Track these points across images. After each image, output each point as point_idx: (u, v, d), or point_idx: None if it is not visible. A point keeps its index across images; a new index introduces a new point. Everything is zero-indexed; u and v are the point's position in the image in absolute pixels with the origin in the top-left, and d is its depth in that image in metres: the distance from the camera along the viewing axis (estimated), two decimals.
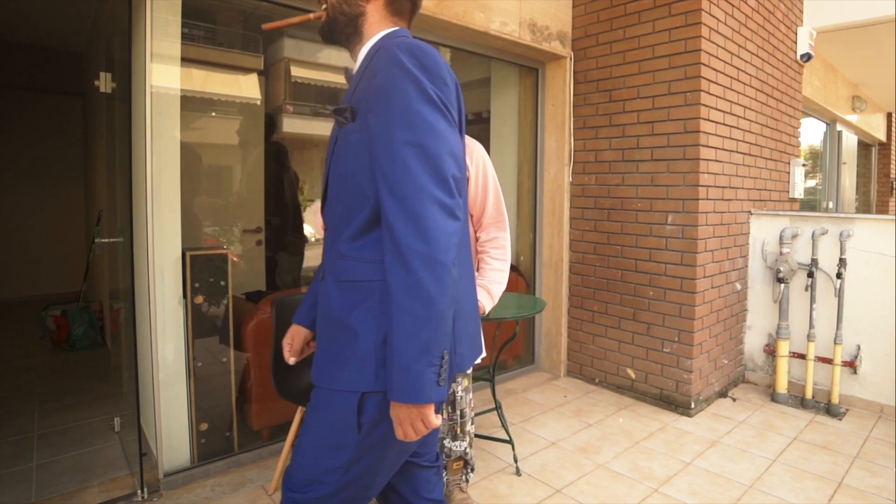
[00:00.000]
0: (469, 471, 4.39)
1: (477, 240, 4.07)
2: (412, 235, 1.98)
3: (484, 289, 3.86)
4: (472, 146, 4.09)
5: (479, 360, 2.64)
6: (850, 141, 14.42)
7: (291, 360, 2.76)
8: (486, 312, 3.85)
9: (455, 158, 2.10)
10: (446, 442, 4.26)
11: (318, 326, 2.40)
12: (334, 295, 2.27)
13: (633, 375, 6.74)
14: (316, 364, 2.33)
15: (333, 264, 2.30)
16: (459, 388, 4.23)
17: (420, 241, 1.97)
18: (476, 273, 3.87)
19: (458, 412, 4.26)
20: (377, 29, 2.40)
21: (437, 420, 2.06)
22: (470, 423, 4.33)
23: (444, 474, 4.29)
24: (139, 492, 4.50)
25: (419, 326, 1.97)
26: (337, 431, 2.22)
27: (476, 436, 5.42)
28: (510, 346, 6.47)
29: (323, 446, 2.27)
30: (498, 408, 5.21)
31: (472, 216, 4.02)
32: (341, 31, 2.45)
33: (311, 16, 2.50)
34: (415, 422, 2.04)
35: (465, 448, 4.29)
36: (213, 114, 6.79)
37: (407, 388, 1.98)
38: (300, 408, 4.50)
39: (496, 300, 3.88)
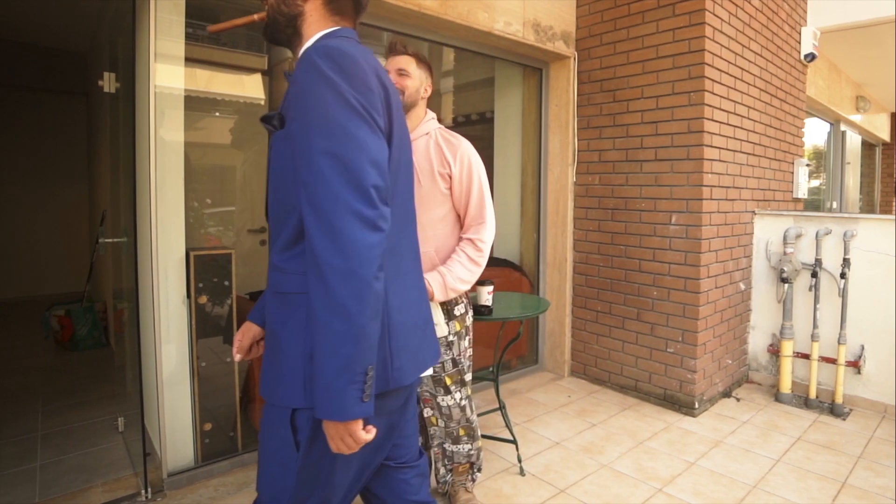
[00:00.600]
0: (476, 471, 4.40)
1: (460, 239, 4.00)
2: (329, 249, 1.94)
3: (439, 275, 3.73)
4: (458, 144, 3.92)
5: (429, 371, 2.61)
6: (853, 141, 14.41)
7: (237, 357, 2.73)
8: (433, 299, 3.70)
9: (377, 167, 2.05)
10: (446, 446, 4.27)
11: (265, 338, 2.40)
12: (271, 307, 2.28)
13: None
14: (261, 376, 2.33)
15: (270, 275, 2.29)
16: (448, 398, 4.13)
17: (337, 255, 1.94)
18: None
19: (455, 421, 4.20)
20: (316, 29, 2.36)
21: (366, 435, 2.03)
22: (477, 423, 4.34)
23: (448, 475, 4.32)
24: (143, 492, 4.50)
25: (339, 343, 1.94)
26: (281, 448, 2.22)
27: (481, 435, 5.44)
28: (514, 346, 6.46)
29: (274, 463, 2.27)
30: (502, 408, 5.20)
31: (459, 215, 3.98)
32: (282, 31, 2.42)
33: (256, 17, 2.46)
34: (344, 437, 2.02)
35: (469, 451, 4.29)
36: (217, 114, 6.80)
37: (329, 406, 1.97)
38: None
39: (449, 293, 3.72)
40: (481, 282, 4.74)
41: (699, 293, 6.16)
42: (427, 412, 4.28)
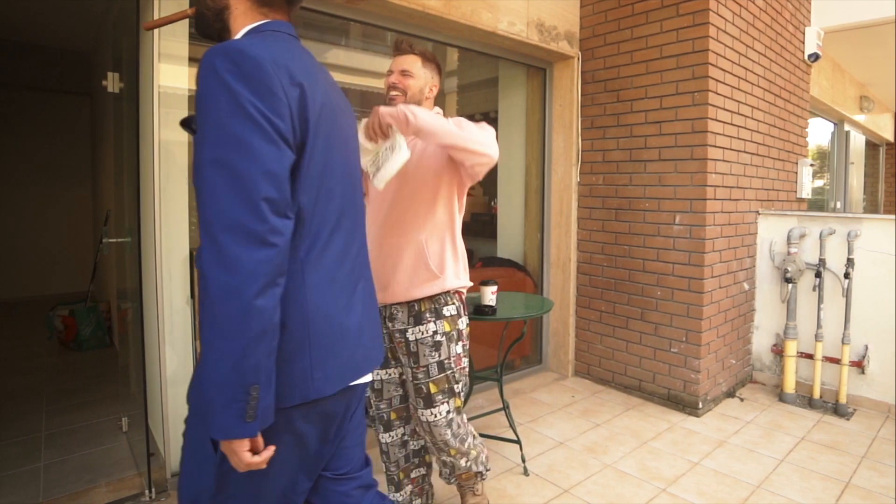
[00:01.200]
0: (481, 478, 4.17)
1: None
2: (212, 264, 1.85)
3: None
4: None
5: (366, 379, 2.42)
6: (857, 141, 14.41)
7: None
8: (410, 121, 3.17)
9: (272, 178, 1.91)
10: (445, 457, 3.92)
11: None
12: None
13: None
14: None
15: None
16: (428, 412, 3.67)
17: (220, 270, 1.85)
18: None
19: (440, 440, 3.75)
20: (243, 23, 2.25)
21: (251, 457, 1.96)
22: (470, 437, 3.94)
23: (452, 479, 4.13)
24: (147, 492, 4.50)
25: (219, 361, 1.87)
26: (199, 449, 2.17)
27: (484, 436, 5.42)
28: (518, 346, 6.46)
29: (192, 462, 2.24)
30: (505, 408, 5.21)
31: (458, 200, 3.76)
32: (211, 26, 2.34)
33: (189, 11, 2.41)
34: (231, 455, 1.96)
35: (467, 463, 3.96)
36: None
37: (212, 423, 1.92)
38: None
39: (410, 117, 3.15)
40: (485, 282, 4.74)
41: (703, 293, 6.16)
42: (418, 443, 4.07)
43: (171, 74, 4.52)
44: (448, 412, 3.68)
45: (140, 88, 4.56)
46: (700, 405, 6.25)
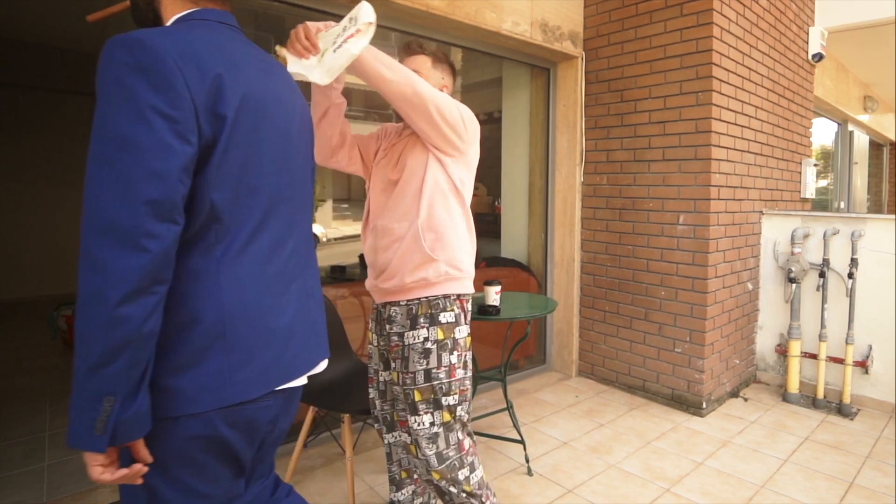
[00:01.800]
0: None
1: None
2: (83, 266, 1.76)
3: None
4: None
5: (299, 381, 2.30)
6: (861, 141, 14.40)
7: None
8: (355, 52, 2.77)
9: (158, 179, 1.77)
10: (432, 481, 3.46)
11: None
12: None
13: None
14: None
15: None
16: (414, 419, 3.43)
17: (88, 273, 1.75)
18: None
19: (422, 455, 3.42)
20: (172, 12, 2.18)
21: (99, 474, 1.84)
22: (467, 470, 3.45)
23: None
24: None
25: (78, 366, 1.79)
26: (126, 454, 2.03)
27: (488, 436, 5.42)
28: (522, 345, 6.46)
29: (127, 492, 2.15)
30: (509, 408, 5.20)
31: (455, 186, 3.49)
32: (145, 16, 2.28)
33: (126, 3, 2.36)
34: (86, 465, 1.86)
35: (461, 496, 3.44)
36: None
37: (69, 428, 1.82)
38: (312, 408, 4.50)
39: (379, 57, 2.94)
40: (489, 282, 4.74)
41: (707, 293, 6.16)
42: (405, 437, 3.67)
43: None
44: (431, 424, 3.40)
45: None
46: (704, 405, 6.25)
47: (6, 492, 4.66)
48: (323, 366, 2.46)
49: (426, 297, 3.40)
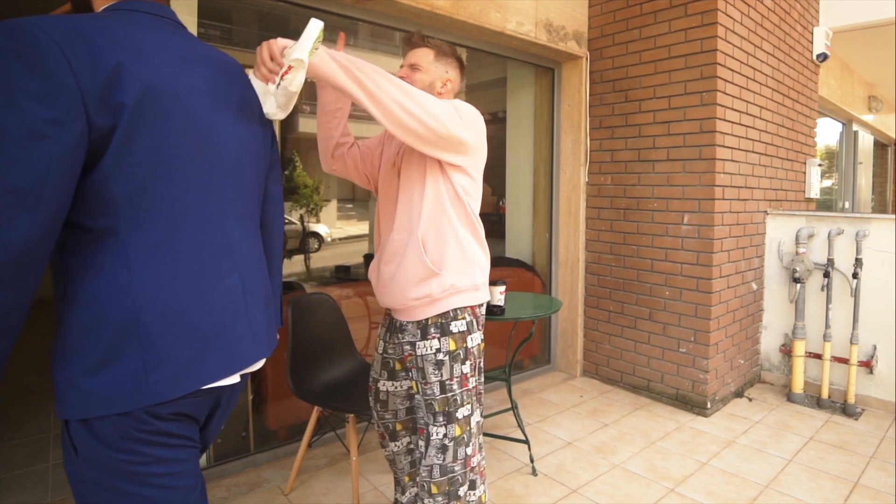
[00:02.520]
0: None
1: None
2: None
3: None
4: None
5: (229, 380, 2.18)
6: (866, 141, 14.38)
7: None
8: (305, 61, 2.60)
9: (26, 166, 1.71)
10: (424, 497, 3.33)
11: None
12: None
13: None
14: None
15: None
16: (436, 429, 3.29)
17: None
18: None
19: (426, 465, 3.30)
20: (100, 3, 2.13)
21: None
22: (467, 486, 3.33)
23: None
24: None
25: None
26: (67, 451, 2.07)
27: (492, 436, 5.43)
28: (526, 346, 6.48)
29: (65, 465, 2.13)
30: (514, 408, 5.20)
31: (456, 193, 3.31)
32: (81, 10, 2.20)
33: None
34: None
35: None
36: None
37: None
38: (316, 408, 4.51)
39: (334, 65, 2.74)
40: (493, 282, 4.74)
41: (711, 293, 6.16)
42: (406, 444, 3.79)
43: None
44: (444, 436, 3.29)
45: None
46: (708, 405, 6.25)
47: (11, 492, 4.67)
48: (259, 364, 2.35)
49: (435, 314, 3.28)
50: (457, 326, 3.30)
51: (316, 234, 11.23)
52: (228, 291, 2.20)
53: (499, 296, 4.75)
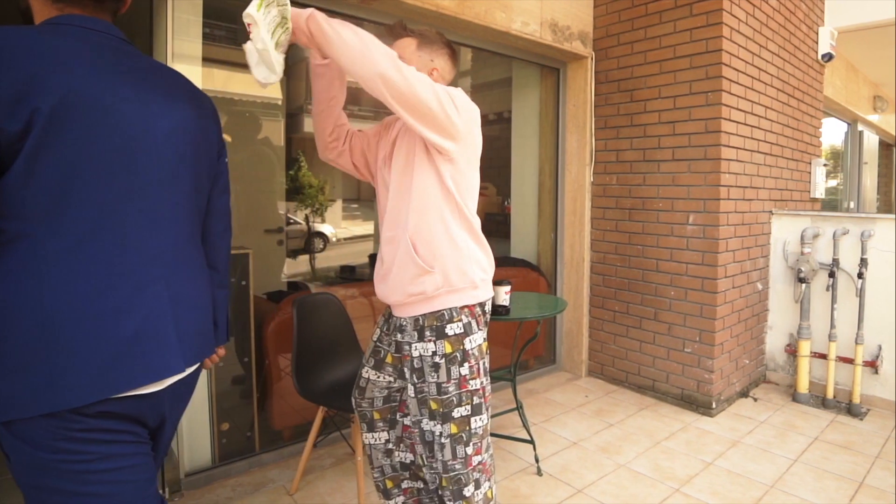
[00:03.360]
0: None
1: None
2: None
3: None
4: None
5: (151, 388, 2.15)
6: (871, 141, 14.39)
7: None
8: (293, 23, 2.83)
9: None
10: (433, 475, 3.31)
11: None
12: None
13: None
14: None
15: None
16: (429, 423, 3.24)
17: None
18: None
19: (438, 463, 3.24)
20: (39, 18, 2.20)
21: None
22: (472, 486, 3.26)
23: None
24: (160, 492, 4.50)
25: None
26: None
27: (498, 436, 5.43)
28: (531, 346, 6.47)
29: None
30: (519, 408, 5.21)
31: (450, 192, 3.20)
32: (28, 23, 2.26)
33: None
34: None
35: None
36: (234, 114, 6.80)
37: None
38: (322, 408, 4.51)
39: (312, 24, 2.81)
40: (498, 282, 4.73)
41: (716, 293, 6.16)
42: (385, 437, 3.65)
43: (185, 74, 4.54)
44: (440, 434, 3.21)
45: None
46: (713, 405, 6.25)
47: (16, 492, 4.67)
48: (187, 372, 2.32)
49: (428, 312, 3.20)
50: (452, 329, 3.20)
51: (321, 234, 11.26)
52: (152, 299, 2.19)
53: (504, 296, 4.75)
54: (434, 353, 3.18)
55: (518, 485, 4.80)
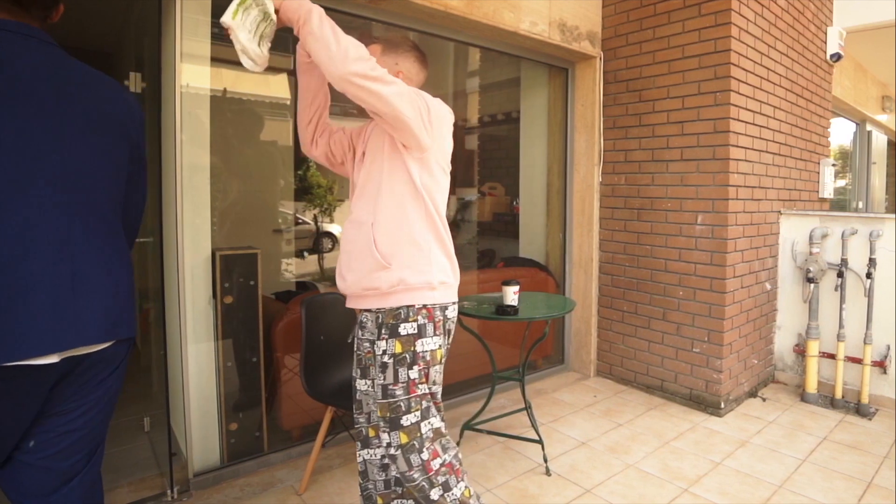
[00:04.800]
0: None
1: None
2: None
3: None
4: None
5: (46, 359, 2.25)
6: (879, 141, 14.36)
7: None
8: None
9: None
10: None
11: None
12: None
13: None
14: None
15: None
16: (379, 435, 3.23)
17: None
18: None
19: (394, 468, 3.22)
20: None
21: None
22: (440, 489, 3.16)
23: None
24: (169, 492, 4.52)
25: None
26: None
27: (506, 435, 5.43)
28: (540, 346, 6.47)
29: None
30: (528, 408, 5.21)
31: (419, 190, 3.20)
32: None
33: None
34: None
35: None
36: (243, 114, 6.80)
37: None
38: (330, 408, 4.51)
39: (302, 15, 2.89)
40: (507, 282, 4.74)
41: (725, 293, 6.15)
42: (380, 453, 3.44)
43: (193, 74, 4.54)
44: (388, 445, 3.15)
45: (162, 88, 4.58)
46: (722, 405, 6.24)
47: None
48: (94, 348, 2.45)
49: (385, 308, 3.18)
50: (405, 329, 3.15)
51: (329, 234, 11.26)
52: (53, 276, 2.28)
53: (512, 296, 4.76)
54: (384, 352, 3.14)
55: (527, 485, 4.80)
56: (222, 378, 4.78)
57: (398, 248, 3.14)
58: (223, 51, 5.91)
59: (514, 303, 4.79)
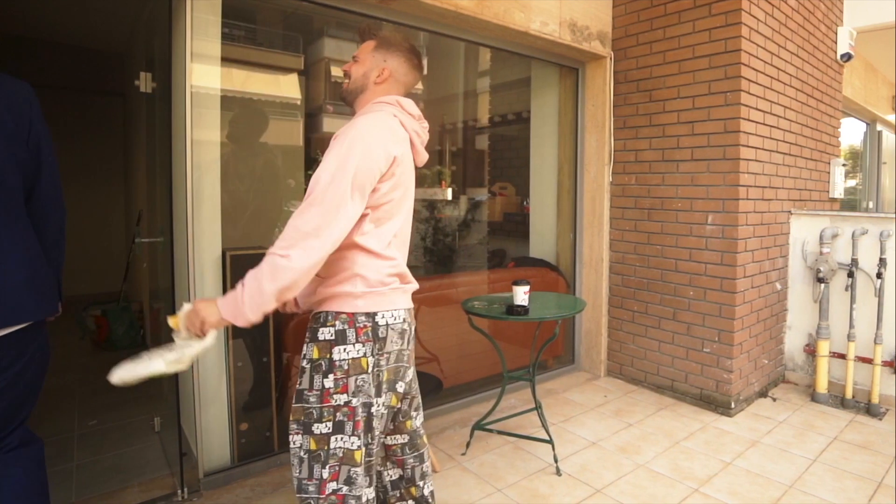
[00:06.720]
0: None
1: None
2: None
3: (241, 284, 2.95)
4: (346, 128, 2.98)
5: None
6: (890, 141, 14.33)
7: None
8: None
9: None
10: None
11: None
12: None
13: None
14: None
15: None
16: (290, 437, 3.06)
17: None
18: None
19: (295, 478, 3.03)
20: None
21: None
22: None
23: None
24: (179, 492, 4.52)
25: None
26: None
27: (517, 435, 5.43)
28: (550, 346, 6.47)
29: None
30: (538, 408, 5.21)
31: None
32: None
33: None
34: None
35: None
36: (253, 114, 6.81)
37: None
38: None
39: (240, 304, 2.86)
40: (517, 281, 4.74)
41: (735, 293, 6.14)
42: (395, 472, 3.38)
43: (204, 74, 4.55)
44: (300, 446, 3.01)
45: (172, 88, 4.59)
46: (732, 405, 6.23)
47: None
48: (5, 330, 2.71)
49: (313, 312, 3.10)
50: (324, 334, 2.98)
51: None
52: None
53: (522, 296, 4.76)
54: (304, 356, 3.04)
55: (537, 485, 4.80)
56: (233, 378, 4.79)
57: (339, 266, 3.00)
58: (234, 51, 5.93)
59: (525, 303, 4.78)
